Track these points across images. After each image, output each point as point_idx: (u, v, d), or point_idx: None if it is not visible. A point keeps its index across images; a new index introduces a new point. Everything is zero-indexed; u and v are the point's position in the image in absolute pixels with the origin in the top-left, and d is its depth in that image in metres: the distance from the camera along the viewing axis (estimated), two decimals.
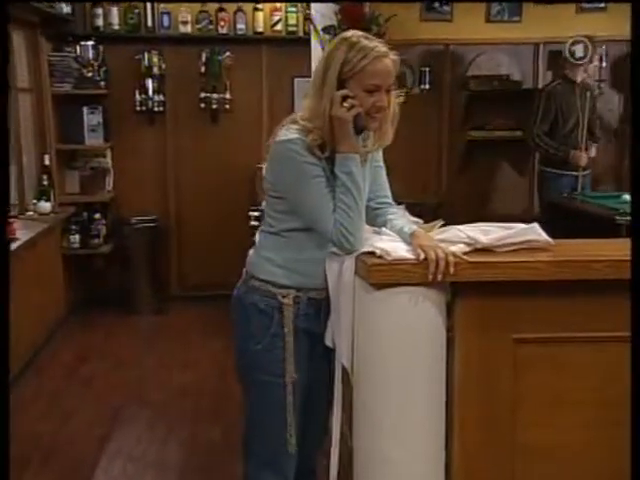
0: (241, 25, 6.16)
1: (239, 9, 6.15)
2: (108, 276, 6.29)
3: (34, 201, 5.40)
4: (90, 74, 5.88)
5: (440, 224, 2.39)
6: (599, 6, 6.49)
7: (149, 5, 6.08)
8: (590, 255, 2.09)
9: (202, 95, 6.20)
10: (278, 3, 6.15)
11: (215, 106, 6.22)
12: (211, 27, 6.15)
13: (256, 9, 6.14)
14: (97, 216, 6.08)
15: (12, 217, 4.58)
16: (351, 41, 2.16)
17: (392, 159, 7.18)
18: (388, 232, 2.25)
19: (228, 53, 6.18)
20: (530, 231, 2.16)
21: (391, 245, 2.13)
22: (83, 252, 6.02)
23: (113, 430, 3.97)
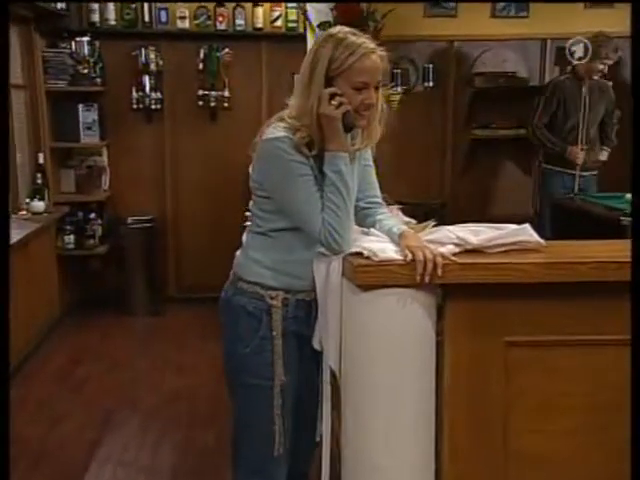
0: (240, 21, 6.17)
1: (238, 4, 6.16)
2: (104, 277, 6.31)
3: (27, 200, 5.42)
4: (86, 71, 5.89)
5: (432, 224, 2.41)
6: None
7: None
8: (577, 257, 2.09)
9: (200, 92, 6.22)
10: None
11: (213, 104, 6.23)
12: (209, 23, 6.16)
13: (256, 4, 6.16)
14: (93, 216, 6.09)
15: None
16: (338, 37, 2.17)
17: (394, 159, 7.22)
18: (377, 233, 2.27)
19: (227, 49, 6.19)
20: (521, 232, 2.17)
21: (379, 246, 2.14)
22: (78, 253, 6.05)
23: (104, 434, 3.98)
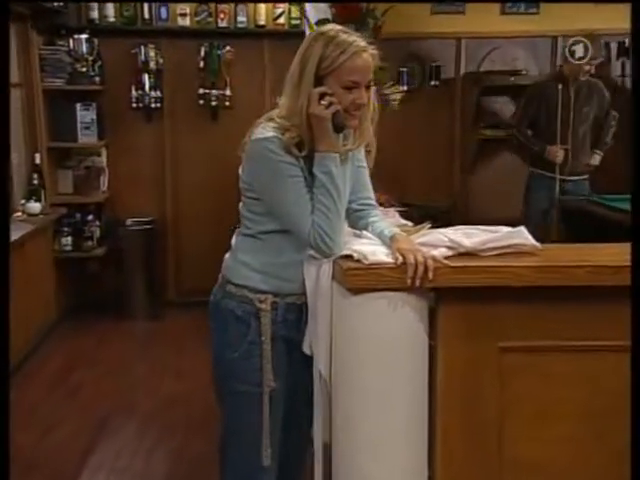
0: (242, 18, 6.21)
1: (240, 1, 6.18)
2: (102, 280, 6.34)
3: (22, 201, 5.46)
4: (84, 69, 5.94)
5: (428, 226, 2.42)
6: None
7: None
8: (572, 260, 2.10)
9: (201, 91, 6.25)
10: None
11: (214, 103, 6.27)
12: (210, 20, 6.20)
13: (258, 1, 6.18)
14: (91, 217, 6.13)
15: None
16: (328, 36, 2.18)
17: (400, 159, 7.23)
18: (369, 235, 2.28)
19: (228, 47, 6.23)
20: (516, 235, 2.18)
21: (370, 249, 2.15)
22: (76, 255, 6.09)
23: (98, 441, 4.01)
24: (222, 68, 6.25)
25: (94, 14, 6.08)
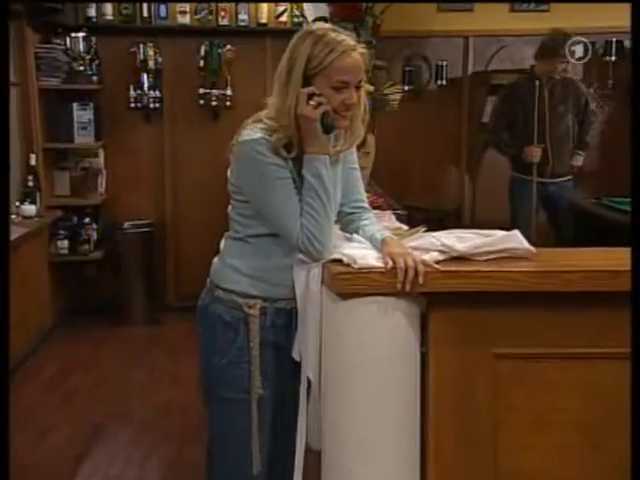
0: (243, 16, 6.22)
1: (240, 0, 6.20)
2: (99, 284, 6.37)
3: (17, 203, 5.48)
4: (81, 68, 5.95)
5: (422, 230, 2.43)
6: None
7: None
8: (567, 265, 2.10)
9: (201, 91, 6.26)
10: None
11: (215, 103, 6.27)
12: (211, 18, 6.21)
13: None
14: (87, 220, 6.15)
15: None
16: (317, 34, 2.19)
17: (405, 161, 7.20)
18: (359, 239, 2.29)
19: (229, 46, 6.23)
20: (510, 239, 2.18)
21: (360, 252, 2.16)
22: (72, 259, 6.11)
23: (91, 449, 4.03)
24: (223, 67, 6.25)
25: (91, 12, 6.09)
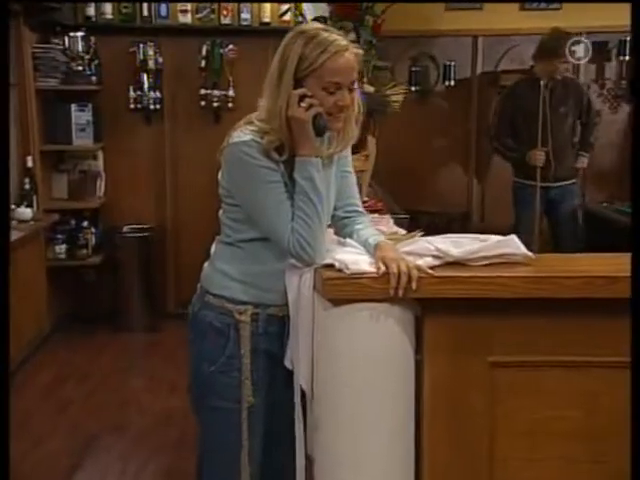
0: (246, 15, 6.23)
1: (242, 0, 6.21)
2: (97, 290, 6.38)
3: (13, 207, 5.50)
4: (79, 68, 5.98)
5: (419, 235, 2.43)
6: None
7: None
8: (566, 271, 2.10)
9: (202, 92, 6.28)
10: None
11: (217, 104, 6.29)
12: (213, 17, 6.23)
13: None
14: (86, 224, 6.16)
15: None
16: (308, 35, 2.19)
17: (412, 164, 7.19)
18: (353, 243, 2.29)
19: (231, 46, 6.25)
20: (507, 244, 2.18)
21: (353, 257, 2.16)
22: (70, 263, 6.12)
23: (84, 459, 4.04)
24: (225, 68, 6.27)
25: (91, 11, 6.11)
